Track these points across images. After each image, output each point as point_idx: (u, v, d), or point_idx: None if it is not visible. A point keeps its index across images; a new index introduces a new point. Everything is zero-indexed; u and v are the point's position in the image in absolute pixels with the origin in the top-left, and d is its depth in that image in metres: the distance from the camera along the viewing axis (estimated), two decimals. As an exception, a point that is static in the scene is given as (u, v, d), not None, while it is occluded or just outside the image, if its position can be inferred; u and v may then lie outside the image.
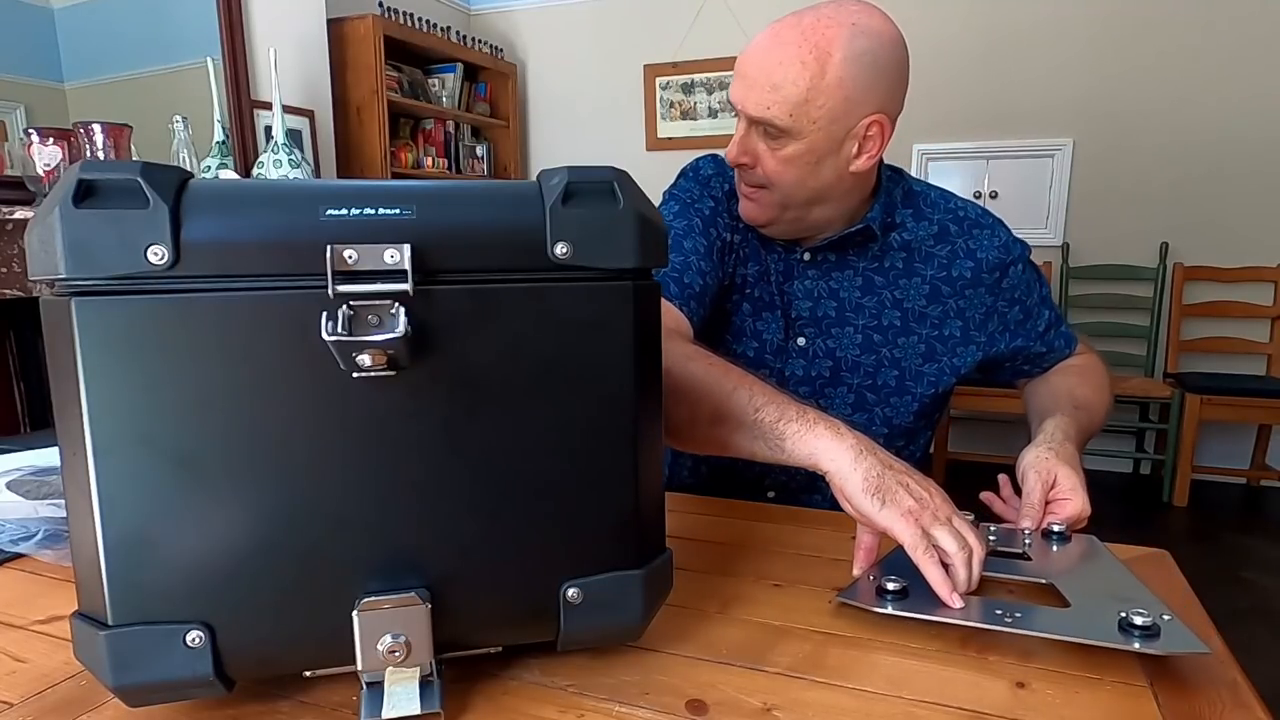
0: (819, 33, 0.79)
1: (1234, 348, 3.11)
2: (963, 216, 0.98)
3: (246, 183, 0.44)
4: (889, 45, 0.81)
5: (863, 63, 0.79)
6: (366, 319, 0.42)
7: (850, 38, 0.79)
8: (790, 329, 0.96)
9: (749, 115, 0.83)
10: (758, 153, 0.85)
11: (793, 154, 0.83)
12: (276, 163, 2.17)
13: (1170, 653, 0.50)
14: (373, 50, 2.94)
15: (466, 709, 0.47)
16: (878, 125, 0.83)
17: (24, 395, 1.93)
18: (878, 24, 0.81)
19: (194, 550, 0.42)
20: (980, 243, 0.96)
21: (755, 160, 0.86)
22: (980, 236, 0.97)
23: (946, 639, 0.55)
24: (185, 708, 0.48)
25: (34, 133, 1.74)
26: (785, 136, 0.82)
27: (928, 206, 0.98)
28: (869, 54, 0.80)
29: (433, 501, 0.45)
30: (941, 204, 0.98)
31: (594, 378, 0.46)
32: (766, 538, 0.75)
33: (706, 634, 0.56)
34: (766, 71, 0.81)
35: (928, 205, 0.98)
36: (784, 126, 0.81)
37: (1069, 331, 1.05)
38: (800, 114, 0.80)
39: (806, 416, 0.67)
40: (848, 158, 0.84)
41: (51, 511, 0.75)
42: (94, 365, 0.40)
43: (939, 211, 0.97)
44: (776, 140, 0.83)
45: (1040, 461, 0.76)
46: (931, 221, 0.97)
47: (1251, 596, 2.30)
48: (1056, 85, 3.16)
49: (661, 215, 0.53)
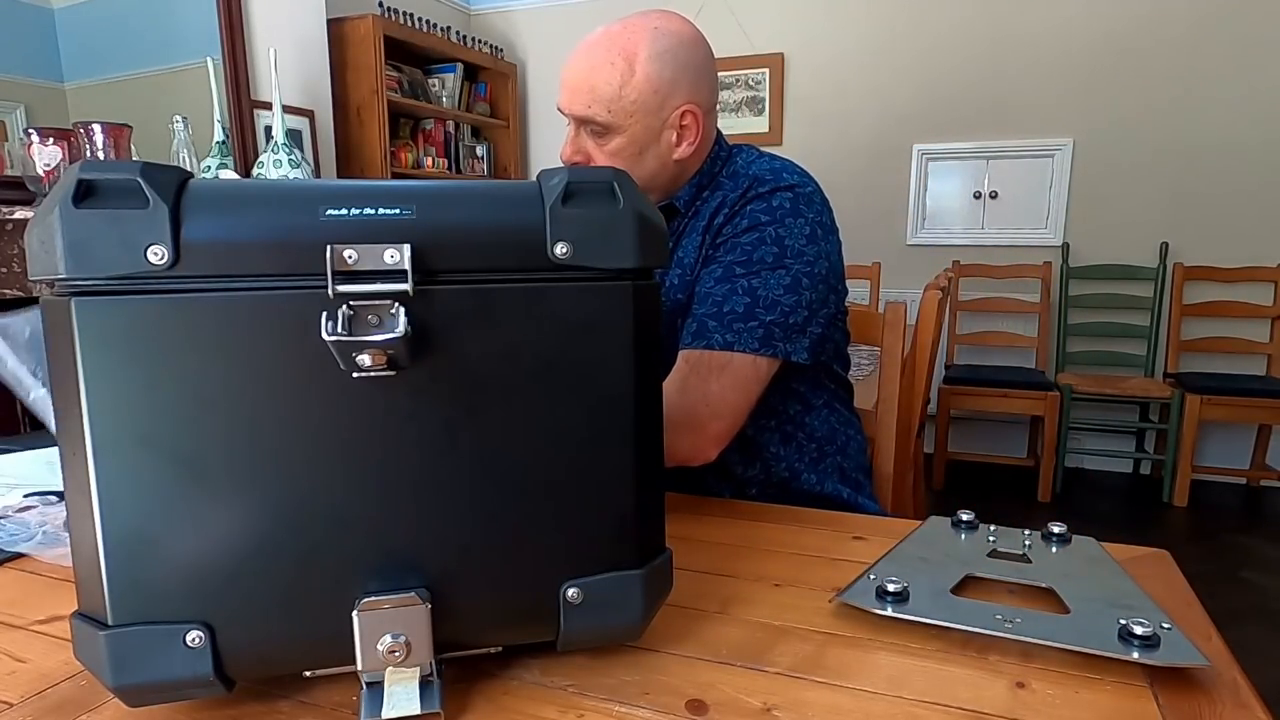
0: (625, 38, 0.89)
1: (1234, 348, 3.11)
2: (754, 176, 0.93)
3: (246, 183, 0.44)
4: (689, 44, 0.92)
5: (665, 59, 0.90)
6: (366, 319, 0.42)
7: (653, 39, 0.89)
8: None
9: (575, 116, 0.92)
10: (588, 151, 0.94)
11: (617, 147, 0.92)
12: (276, 163, 2.17)
13: (1170, 664, 0.50)
14: (373, 50, 2.94)
15: (466, 709, 0.47)
16: (691, 115, 0.92)
17: (24, 395, 1.93)
18: (677, 26, 0.92)
19: (194, 550, 0.42)
20: (735, 191, 0.93)
21: (587, 158, 0.94)
22: (733, 186, 0.94)
23: (947, 639, 0.55)
24: (185, 708, 0.48)
25: (34, 133, 1.74)
26: (609, 133, 0.91)
27: (728, 179, 0.96)
28: (670, 52, 0.90)
29: (433, 501, 0.45)
30: (744, 172, 0.95)
31: (594, 378, 0.46)
32: (766, 538, 0.75)
33: (706, 634, 0.56)
34: (583, 76, 0.90)
35: (728, 177, 0.96)
36: (604, 122, 0.90)
37: (730, 336, 0.86)
38: (617, 109, 0.90)
39: None
40: (669, 145, 0.93)
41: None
42: (94, 365, 0.40)
43: (740, 180, 0.94)
44: (602, 137, 0.92)
45: None
46: (725, 190, 0.95)
47: (1251, 596, 2.30)
48: (1056, 85, 3.16)
49: None
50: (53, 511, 0.79)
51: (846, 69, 3.35)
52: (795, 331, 0.88)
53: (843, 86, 3.37)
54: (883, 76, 3.33)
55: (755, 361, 0.86)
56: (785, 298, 0.87)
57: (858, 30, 3.35)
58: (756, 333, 0.86)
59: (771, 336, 0.86)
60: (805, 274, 0.88)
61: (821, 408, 1.01)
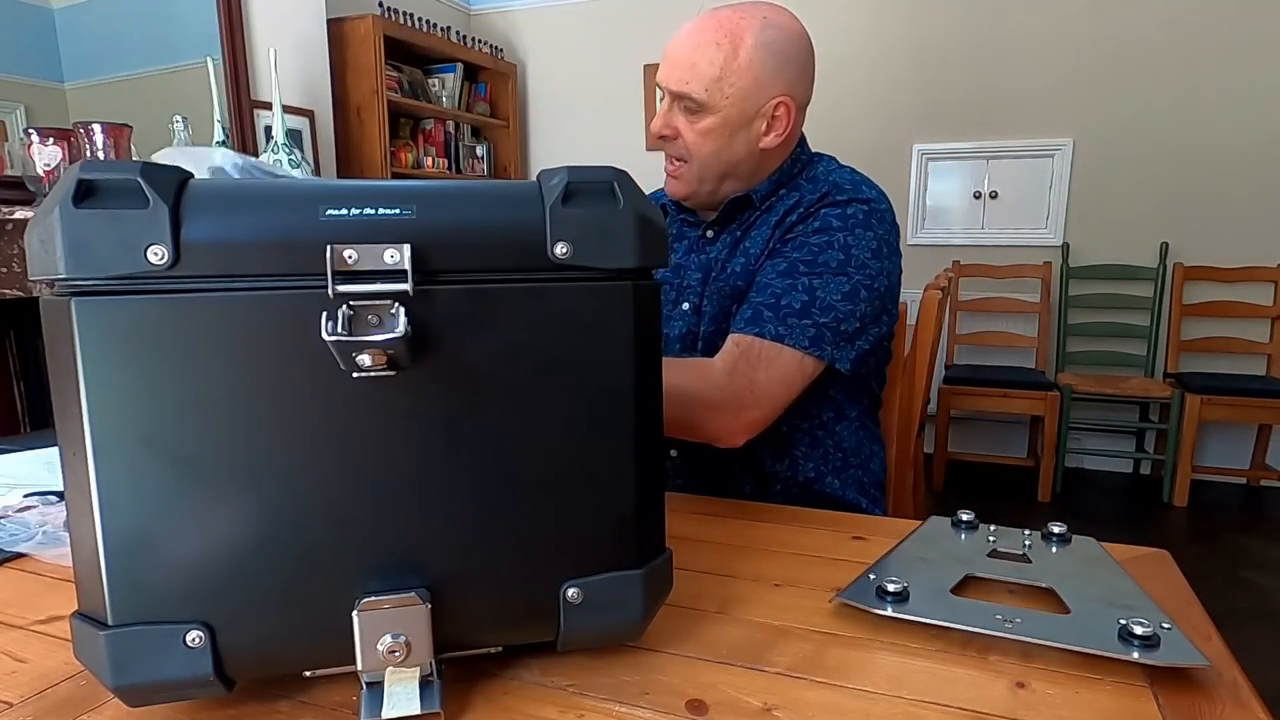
0: (734, 22, 0.91)
1: (1234, 348, 3.11)
2: (834, 183, 0.96)
3: (246, 183, 0.44)
4: (795, 39, 0.94)
5: (770, 50, 0.91)
6: (366, 319, 0.42)
7: (761, 28, 0.91)
8: (680, 296, 1.02)
9: (671, 91, 0.94)
10: (678, 126, 0.95)
11: (708, 127, 0.94)
12: (276, 163, 2.17)
13: (1170, 664, 0.50)
14: (373, 50, 2.94)
15: (466, 709, 0.47)
16: (784, 107, 0.94)
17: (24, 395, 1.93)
18: (787, 20, 0.94)
19: (194, 550, 0.42)
20: (809, 196, 0.96)
21: (676, 133, 0.96)
22: (811, 190, 0.97)
23: (947, 639, 0.55)
24: (185, 708, 0.48)
25: (34, 133, 1.74)
26: (702, 111, 0.93)
27: (807, 182, 0.99)
28: (776, 44, 0.92)
29: (433, 501, 0.45)
30: (824, 179, 0.98)
31: (594, 378, 0.46)
32: (766, 538, 0.75)
33: (706, 634, 0.56)
34: (686, 53, 0.92)
35: (808, 180, 1.00)
36: (700, 100, 0.92)
37: (782, 330, 0.87)
38: (714, 90, 0.91)
39: None
40: (758, 134, 0.95)
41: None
42: (94, 365, 0.40)
43: (820, 185, 0.97)
44: (695, 114, 0.94)
45: None
46: (804, 192, 0.98)
47: (1251, 596, 2.30)
48: (1056, 85, 3.16)
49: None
50: (53, 511, 0.79)
51: (846, 69, 3.35)
52: (845, 340, 0.89)
53: (843, 86, 3.37)
54: (883, 76, 3.33)
55: (802, 360, 0.87)
56: (841, 304, 0.88)
57: (857, 30, 3.35)
58: (809, 331, 0.87)
59: (822, 339, 0.87)
60: (865, 285, 0.90)
61: (854, 419, 1.02)
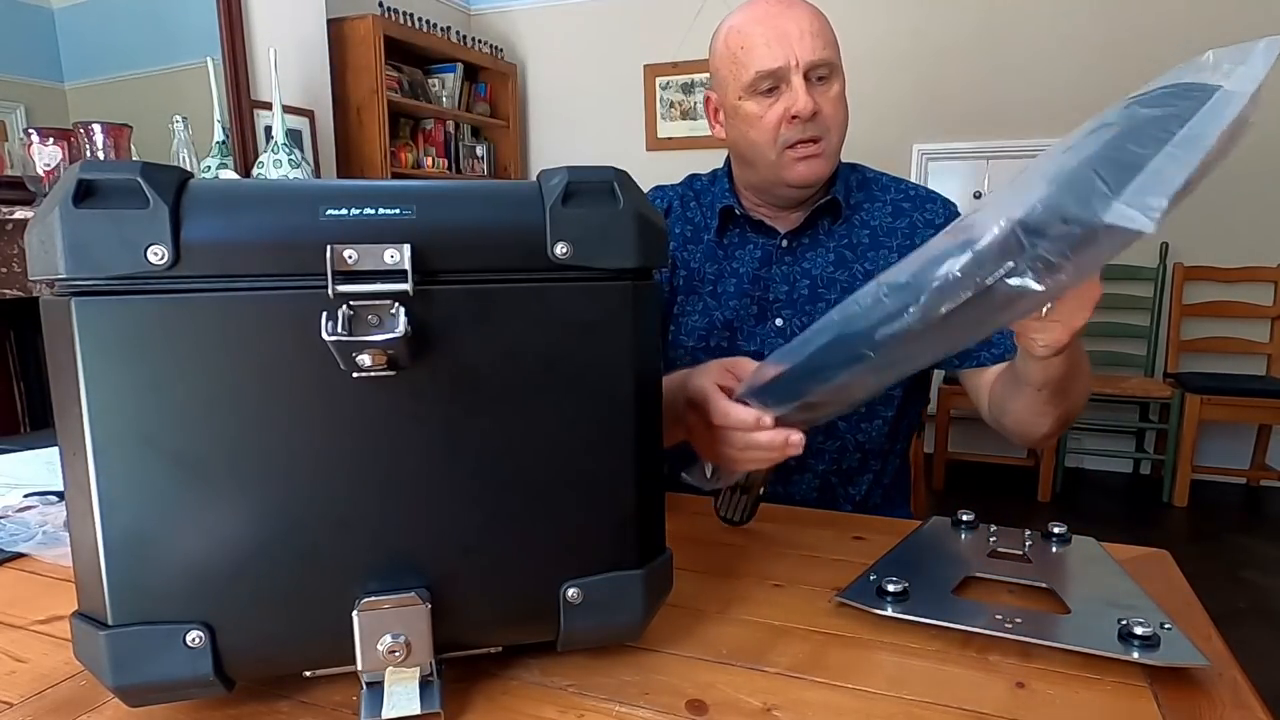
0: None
1: (1234, 348, 3.11)
2: (913, 194, 1.02)
3: (246, 183, 0.44)
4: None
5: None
6: (366, 319, 0.42)
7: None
8: (768, 312, 0.99)
9: (806, 62, 0.89)
10: (817, 100, 0.91)
11: (838, 92, 0.93)
12: (276, 163, 2.17)
13: (1170, 664, 0.50)
14: (373, 50, 2.94)
15: (466, 709, 0.47)
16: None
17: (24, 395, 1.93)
18: None
19: (194, 550, 0.42)
20: (936, 213, 1.00)
21: (818, 107, 0.91)
22: (934, 210, 1.01)
23: (946, 639, 0.55)
24: (185, 708, 0.48)
25: (34, 133, 1.74)
26: (832, 76, 0.92)
27: (879, 190, 1.03)
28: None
29: (433, 501, 0.45)
30: (892, 186, 1.03)
31: (594, 378, 0.46)
32: (766, 538, 0.75)
33: (706, 634, 0.56)
34: (809, 20, 0.90)
35: (879, 189, 1.03)
36: (834, 62, 0.91)
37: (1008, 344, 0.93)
38: (835, 51, 0.91)
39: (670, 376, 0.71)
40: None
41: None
42: (94, 365, 0.40)
43: (890, 193, 1.02)
44: (826, 81, 0.91)
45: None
46: (885, 203, 1.02)
47: (1251, 596, 2.30)
48: (1056, 85, 3.16)
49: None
50: (53, 511, 0.79)
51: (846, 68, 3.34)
52: None
53: (843, 86, 3.37)
54: (882, 76, 3.33)
55: None
56: None
57: (857, 30, 3.35)
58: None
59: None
60: None
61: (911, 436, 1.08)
